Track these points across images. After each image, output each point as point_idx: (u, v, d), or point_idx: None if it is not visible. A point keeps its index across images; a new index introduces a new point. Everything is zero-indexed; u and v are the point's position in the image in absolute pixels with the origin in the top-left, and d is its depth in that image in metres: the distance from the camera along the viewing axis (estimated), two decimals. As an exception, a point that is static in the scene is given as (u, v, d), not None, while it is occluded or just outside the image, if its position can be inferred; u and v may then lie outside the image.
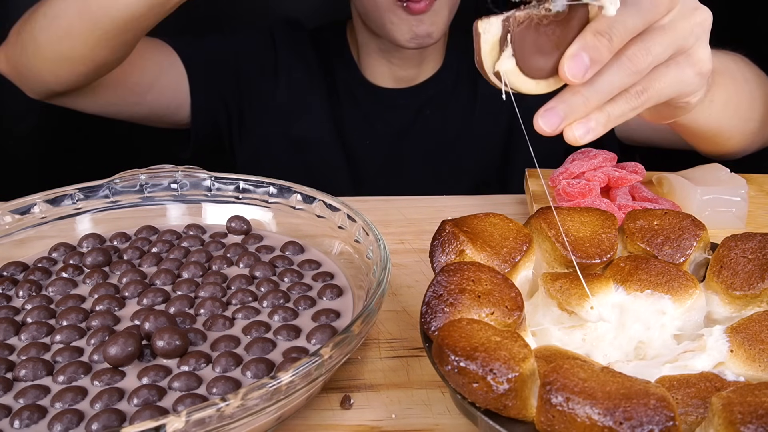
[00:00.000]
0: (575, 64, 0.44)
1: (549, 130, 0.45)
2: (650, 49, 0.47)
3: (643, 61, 0.47)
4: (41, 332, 0.52)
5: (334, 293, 0.57)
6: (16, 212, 0.64)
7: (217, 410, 0.38)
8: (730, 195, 0.72)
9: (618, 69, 0.46)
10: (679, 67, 0.50)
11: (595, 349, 0.47)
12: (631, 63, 0.46)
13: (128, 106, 0.99)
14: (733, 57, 0.79)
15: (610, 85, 0.46)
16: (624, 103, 0.48)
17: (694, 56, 0.50)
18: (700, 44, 0.50)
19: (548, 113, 0.45)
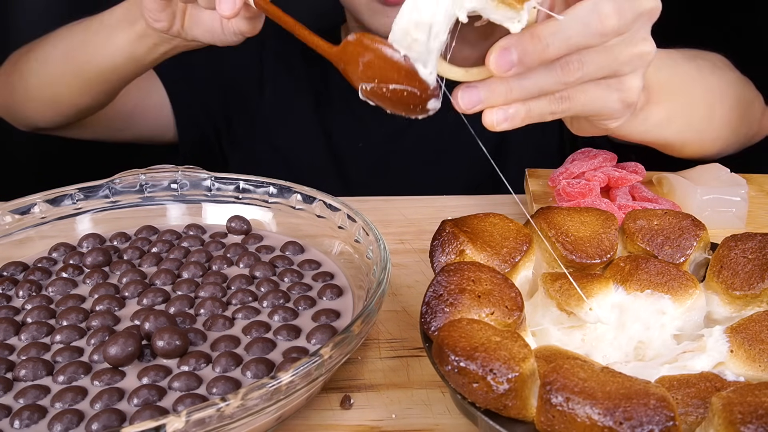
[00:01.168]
0: (502, 57, 0.43)
1: (465, 107, 0.45)
2: (584, 65, 0.47)
3: (573, 74, 0.46)
4: (41, 332, 0.52)
5: (334, 293, 0.57)
6: (16, 212, 0.64)
7: (217, 410, 0.38)
8: (730, 195, 0.72)
9: (548, 72, 0.46)
10: (607, 89, 0.50)
11: (595, 350, 0.47)
12: (562, 72, 0.46)
13: (115, 132, 1.02)
14: (699, 64, 0.78)
15: (535, 85, 0.46)
16: (546, 104, 0.48)
17: (625, 84, 0.50)
18: (634, 75, 0.50)
19: (469, 90, 0.45)
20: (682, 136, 0.73)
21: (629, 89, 0.50)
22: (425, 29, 0.39)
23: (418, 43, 0.40)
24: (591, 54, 0.46)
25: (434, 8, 0.38)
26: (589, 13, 0.44)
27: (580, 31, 0.44)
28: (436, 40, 0.39)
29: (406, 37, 0.40)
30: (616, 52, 0.48)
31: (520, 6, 0.40)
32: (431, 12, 0.38)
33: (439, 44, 0.40)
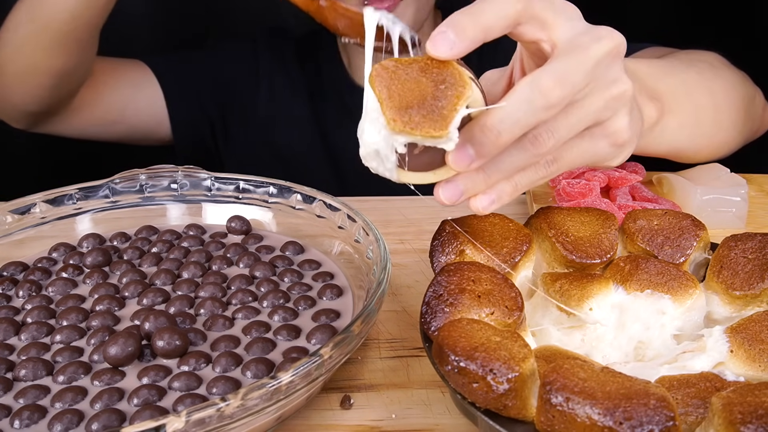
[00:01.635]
0: (460, 156, 0.42)
1: (449, 203, 0.45)
2: (554, 132, 0.45)
3: (545, 144, 0.45)
4: (41, 332, 0.52)
5: (334, 293, 0.57)
6: (16, 212, 0.64)
7: (217, 410, 0.38)
8: (730, 195, 0.72)
9: (519, 150, 0.45)
10: (592, 139, 0.48)
11: (594, 350, 0.47)
12: (532, 146, 0.45)
13: (107, 126, 1.01)
14: (699, 68, 0.77)
15: (512, 165, 0.45)
16: (533, 173, 0.47)
17: (609, 128, 0.48)
18: (617, 117, 0.48)
19: (449, 186, 0.45)
20: (695, 142, 0.73)
21: (616, 132, 0.48)
22: (375, 156, 0.42)
23: (378, 165, 0.43)
24: (557, 119, 0.45)
25: (375, 140, 0.41)
26: (529, 91, 0.42)
27: (526, 112, 0.42)
28: (388, 161, 0.42)
29: (370, 163, 0.43)
30: (587, 105, 0.45)
31: (444, 133, 0.39)
32: (373, 143, 0.41)
33: (391, 164, 0.42)
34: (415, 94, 0.40)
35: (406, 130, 0.39)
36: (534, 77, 0.42)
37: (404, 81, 0.40)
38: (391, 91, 0.40)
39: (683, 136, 0.70)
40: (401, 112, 0.39)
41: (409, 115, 0.39)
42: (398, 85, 0.40)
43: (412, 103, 0.40)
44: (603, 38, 0.45)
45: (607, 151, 0.49)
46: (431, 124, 0.39)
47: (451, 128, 0.39)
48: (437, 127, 0.39)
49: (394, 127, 0.39)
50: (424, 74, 0.41)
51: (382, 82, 0.40)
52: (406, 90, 0.40)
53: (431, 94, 0.40)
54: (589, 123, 0.46)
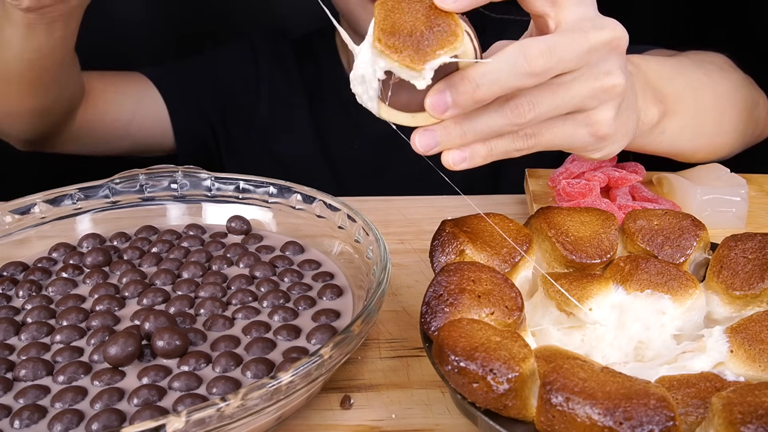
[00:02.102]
0: (437, 100, 0.43)
1: (422, 149, 0.46)
2: (535, 105, 0.46)
3: (525, 114, 0.46)
4: (41, 332, 0.52)
5: (334, 293, 0.57)
6: (16, 212, 0.64)
7: (217, 410, 0.38)
8: (730, 195, 0.72)
9: (499, 114, 0.46)
10: (574, 124, 0.49)
11: (594, 350, 0.47)
12: (512, 113, 0.46)
13: (113, 142, 1.02)
14: (707, 69, 0.77)
15: (488, 127, 0.46)
16: (509, 142, 0.48)
17: (592, 118, 0.48)
18: (603, 108, 0.48)
19: (426, 133, 0.46)
20: (694, 143, 0.73)
21: (598, 122, 0.49)
22: (361, 81, 0.44)
23: (362, 92, 0.45)
24: (543, 94, 0.46)
25: (364, 61, 0.43)
26: (515, 54, 0.43)
27: (508, 72, 0.43)
28: (371, 88, 0.43)
29: (356, 88, 0.45)
30: (574, 89, 0.46)
31: (419, 67, 0.41)
32: (362, 64, 0.43)
33: (373, 92, 0.44)
34: (408, 26, 0.42)
35: (386, 52, 0.41)
36: (524, 42, 0.44)
37: (404, 13, 0.42)
38: (389, 16, 0.42)
39: (684, 137, 0.70)
40: (387, 35, 0.41)
41: (393, 40, 0.41)
42: (397, 14, 0.42)
43: (401, 31, 0.41)
44: (605, 27, 0.46)
45: (587, 140, 0.50)
46: (410, 55, 0.41)
47: (427, 66, 0.41)
48: (414, 60, 0.41)
49: (376, 46, 0.41)
50: (424, 15, 0.42)
51: (384, 6, 0.43)
52: (402, 20, 0.42)
53: (422, 31, 0.41)
54: (573, 108, 0.47)
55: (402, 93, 0.44)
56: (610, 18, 0.48)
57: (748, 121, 0.81)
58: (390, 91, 0.43)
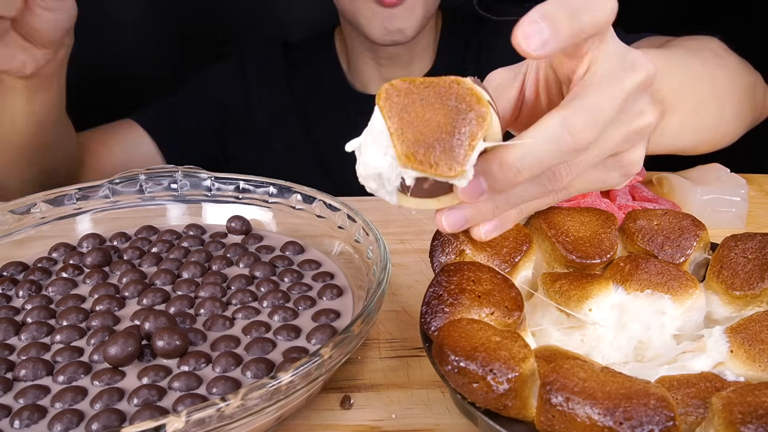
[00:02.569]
0: (471, 190, 0.39)
1: (449, 229, 0.43)
2: (573, 167, 0.43)
3: (563, 180, 0.43)
4: (41, 332, 0.52)
5: (334, 293, 0.57)
6: (16, 212, 0.64)
7: (217, 410, 0.38)
8: (730, 195, 0.72)
9: (536, 185, 0.43)
10: (605, 170, 0.46)
11: (594, 350, 0.47)
12: (549, 182, 0.43)
13: None
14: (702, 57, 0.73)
15: (522, 198, 0.43)
16: (541, 202, 0.46)
17: (625, 160, 0.45)
18: (634, 150, 0.45)
19: (452, 213, 0.42)
20: (696, 138, 0.71)
21: (630, 164, 0.46)
22: (376, 179, 0.39)
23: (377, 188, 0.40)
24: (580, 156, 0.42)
25: (379, 164, 0.39)
26: (559, 131, 0.39)
27: (551, 153, 0.39)
28: (389, 185, 0.39)
29: (369, 183, 0.40)
30: (608, 140, 0.43)
31: (458, 172, 0.36)
32: (377, 167, 0.39)
33: (392, 188, 0.39)
34: (431, 127, 0.37)
35: (420, 168, 0.36)
36: (565, 117, 0.39)
37: (419, 109, 0.37)
38: (404, 120, 0.37)
39: (684, 134, 0.68)
40: (414, 148, 0.36)
41: (424, 153, 0.36)
42: (412, 113, 0.37)
43: (427, 138, 0.37)
44: (636, 68, 0.42)
45: (616, 181, 0.47)
46: (447, 164, 0.36)
47: (468, 167, 0.37)
48: (453, 167, 0.36)
49: (407, 163, 0.36)
50: (440, 101, 0.37)
51: (393, 109, 0.37)
52: (420, 121, 0.37)
53: (448, 127, 0.37)
54: (606, 156, 0.44)
55: (423, 186, 0.40)
56: (636, 50, 0.44)
57: (747, 106, 0.78)
58: (413, 186, 0.39)
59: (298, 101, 1.10)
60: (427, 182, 0.39)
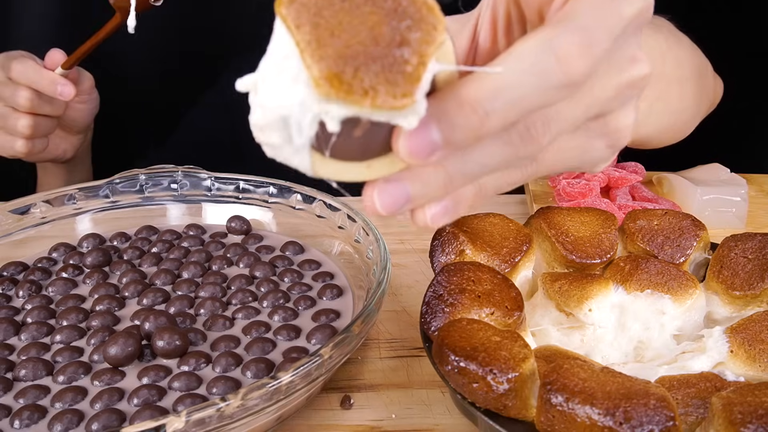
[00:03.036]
0: (419, 142, 0.27)
1: (387, 211, 0.29)
2: (552, 122, 0.30)
3: (539, 140, 0.30)
4: (41, 332, 0.52)
5: (334, 293, 0.57)
6: (16, 212, 0.64)
7: (217, 410, 0.38)
8: (730, 195, 0.72)
9: (502, 144, 0.30)
10: (587, 136, 0.34)
11: (594, 350, 0.47)
12: (522, 141, 0.30)
13: None
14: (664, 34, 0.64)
15: (484, 165, 0.30)
16: (505, 176, 0.32)
17: (611, 125, 0.34)
18: (624, 111, 0.34)
19: (390, 188, 0.29)
20: (660, 124, 0.64)
21: (618, 130, 0.34)
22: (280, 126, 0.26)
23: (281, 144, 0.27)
24: (558, 107, 0.30)
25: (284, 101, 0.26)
26: (542, 57, 0.28)
27: (535, 87, 0.28)
28: (301, 134, 0.26)
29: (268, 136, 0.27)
30: (596, 90, 0.31)
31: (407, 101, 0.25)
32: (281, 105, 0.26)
33: (305, 139, 0.26)
34: (361, 36, 0.25)
35: (348, 97, 0.24)
36: (550, 38, 0.28)
37: (340, 13, 0.25)
38: (320, 29, 0.25)
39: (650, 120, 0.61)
40: (339, 66, 0.24)
41: (353, 74, 0.25)
42: (331, 20, 0.25)
43: (356, 52, 0.25)
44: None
45: (600, 154, 0.35)
46: (388, 89, 0.25)
47: (418, 95, 0.25)
48: (398, 93, 0.25)
49: (329, 90, 0.24)
50: (371, 1, 0.26)
51: (301, 15, 0.25)
52: (344, 29, 0.25)
53: (386, 37, 0.25)
54: (591, 116, 0.33)
55: (352, 136, 0.27)
56: None
57: (702, 91, 0.71)
58: (335, 137, 0.26)
59: None
60: (358, 129, 0.27)
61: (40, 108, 0.75)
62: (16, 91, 0.74)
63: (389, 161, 0.29)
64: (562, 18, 0.30)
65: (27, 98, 0.74)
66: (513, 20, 0.35)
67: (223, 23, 1.31)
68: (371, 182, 0.29)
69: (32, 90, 0.74)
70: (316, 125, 0.26)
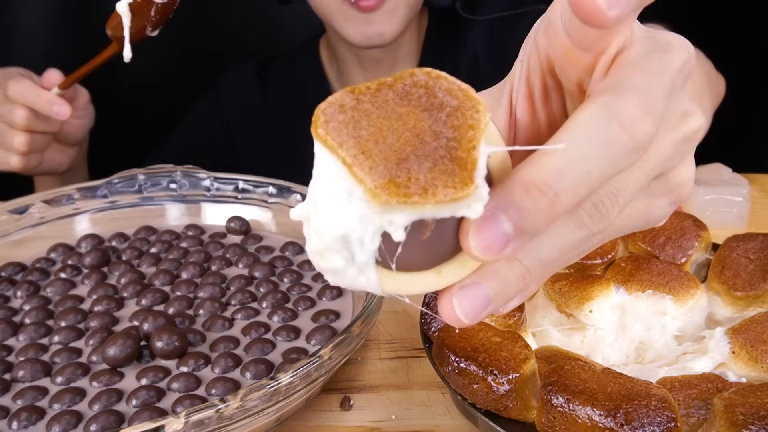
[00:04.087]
0: (488, 234, 0.25)
1: (470, 320, 0.27)
2: (618, 194, 0.29)
3: (609, 215, 0.29)
4: (39, 333, 0.52)
5: (333, 294, 0.57)
6: (14, 212, 0.64)
7: (217, 411, 0.38)
8: (732, 195, 0.71)
9: (574, 227, 0.28)
10: (651, 197, 0.32)
11: (595, 351, 0.47)
12: (592, 220, 0.28)
13: None
14: None
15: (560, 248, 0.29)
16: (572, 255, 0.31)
17: (673, 182, 0.32)
18: (683, 166, 0.32)
19: (468, 293, 0.27)
20: None
21: (680, 186, 0.32)
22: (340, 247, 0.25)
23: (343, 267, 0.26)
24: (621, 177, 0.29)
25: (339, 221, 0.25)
26: (604, 125, 0.26)
27: (600, 158, 0.26)
28: (364, 250, 0.25)
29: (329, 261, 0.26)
30: (657, 152, 0.30)
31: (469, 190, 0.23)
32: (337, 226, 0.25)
33: (369, 255, 0.25)
34: (405, 135, 0.24)
35: (407, 200, 0.23)
36: (606, 102, 0.27)
37: (377, 120, 0.25)
38: (362, 141, 0.24)
39: None
40: (391, 171, 0.24)
41: (407, 174, 0.24)
42: (370, 128, 0.25)
43: (404, 152, 0.24)
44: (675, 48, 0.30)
45: (663, 211, 0.33)
46: (446, 180, 0.24)
47: (478, 178, 0.24)
48: (457, 182, 0.24)
49: (387, 197, 0.23)
50: (406, 100, 0.25)
51: (341, 132, 0.24)
52: (385, 132, 0.25)
53: (430, 129, 0.25)
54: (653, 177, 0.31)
55: (418, 241, 0.25)
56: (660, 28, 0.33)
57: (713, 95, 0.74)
58: (400, 248, 0.25)
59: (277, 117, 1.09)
60: (423, 232, 0.25)
61: (36, 126, 0.77)
62: (12, 110, 0.76)
63: (459, 264, 0.27)
64: (612, 83, 0.28)
65: (23, 117, 0.76)
66: (550, 90, 0.34)
67: (221, 27, 1.31)
68: (445, 291, 0.28)
69: (29, 108, 0.76)
70: (379, 238, 0.25)
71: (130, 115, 1.08)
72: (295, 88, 1.09)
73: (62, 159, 0.86)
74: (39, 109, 0.75)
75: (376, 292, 0.26)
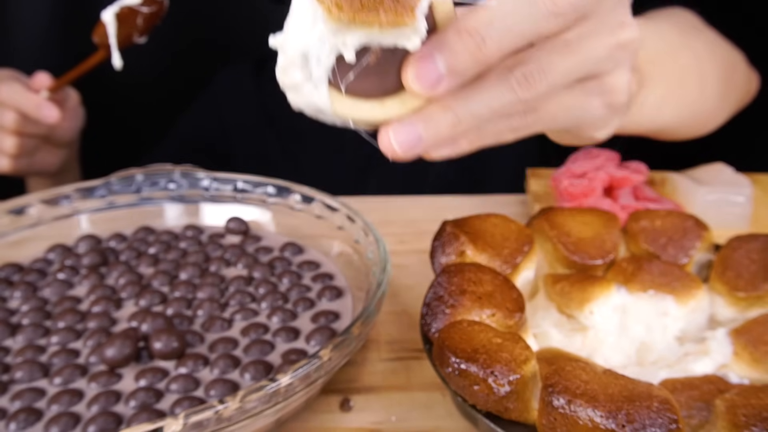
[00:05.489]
0: (424, 70, 0.31)
1: (401, 151, 0.33)
2: (547, 72, 0.35)
3: (536, 86, 0.35)
4: (37, 334, 0.52)
5: (333, 294, 0.57)
6: (12, 213, 0.64)
7: (215, 413, 0.37)
8: (734, 195, 0.71)
9: (503, 87, 0.34)
10: (585, 94, 0.38)
11: (596, 353, 0.47)
12: (520, 87, 0.34)
13: None
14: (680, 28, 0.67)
15: (489, 107, 0.34)
16: (504, 122, 0.36)
17: (607, 84, 0.38)
18: (618, 71, 0.38)
19: (403, 129, 0.33)
20: (678, 114, 0.66)
21: (614, 90, 0.39)
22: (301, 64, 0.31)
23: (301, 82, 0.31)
24: (553, 56, 0.35)
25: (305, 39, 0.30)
26: None
27: (525, 16, 0.32)
28: (319, 66, 0.31)
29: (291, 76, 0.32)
30: (587, 49, 0.36)
31: (408, 18, 0.29)
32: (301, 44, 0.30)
33: (323, 71, 0.31)
34: None
35: (358, 18, 0.28)
36: None
37: None
38: None
39: (666, 108, 0.63)
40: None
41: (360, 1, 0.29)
42: None
43: None
44: None
45: (600, 112, 0.40)
46: (391, 6, 0.29)
47: (418, 13, 0.29)
48: (399, 10, 0.29)
49: (339, 15, 0.29)
50: None
51: None
52: None
53: None
54: (587, 73, 0.37)
55: (366, 68, 0.31)
56: None
57: (729, 86, 0.73)
58: (351, 73, 0.31)
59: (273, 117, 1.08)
60: (370, 57, 0.31)
61: (25, 128, 0.78)
62: (1, 113, 0.77)
63: (401, 102, 0.33)
64: None
65: (13, 120, 0.76)
66: None
67: (218, 28, 1.31)
68: (386, 125, 0.33)
69: (18, 112, 0.76)
70: (333, 57, 0.30)
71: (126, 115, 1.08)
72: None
73: (53, 160, 0.86)
74: (28, 113, 0.76)
75: (326, 111, 0.31)
